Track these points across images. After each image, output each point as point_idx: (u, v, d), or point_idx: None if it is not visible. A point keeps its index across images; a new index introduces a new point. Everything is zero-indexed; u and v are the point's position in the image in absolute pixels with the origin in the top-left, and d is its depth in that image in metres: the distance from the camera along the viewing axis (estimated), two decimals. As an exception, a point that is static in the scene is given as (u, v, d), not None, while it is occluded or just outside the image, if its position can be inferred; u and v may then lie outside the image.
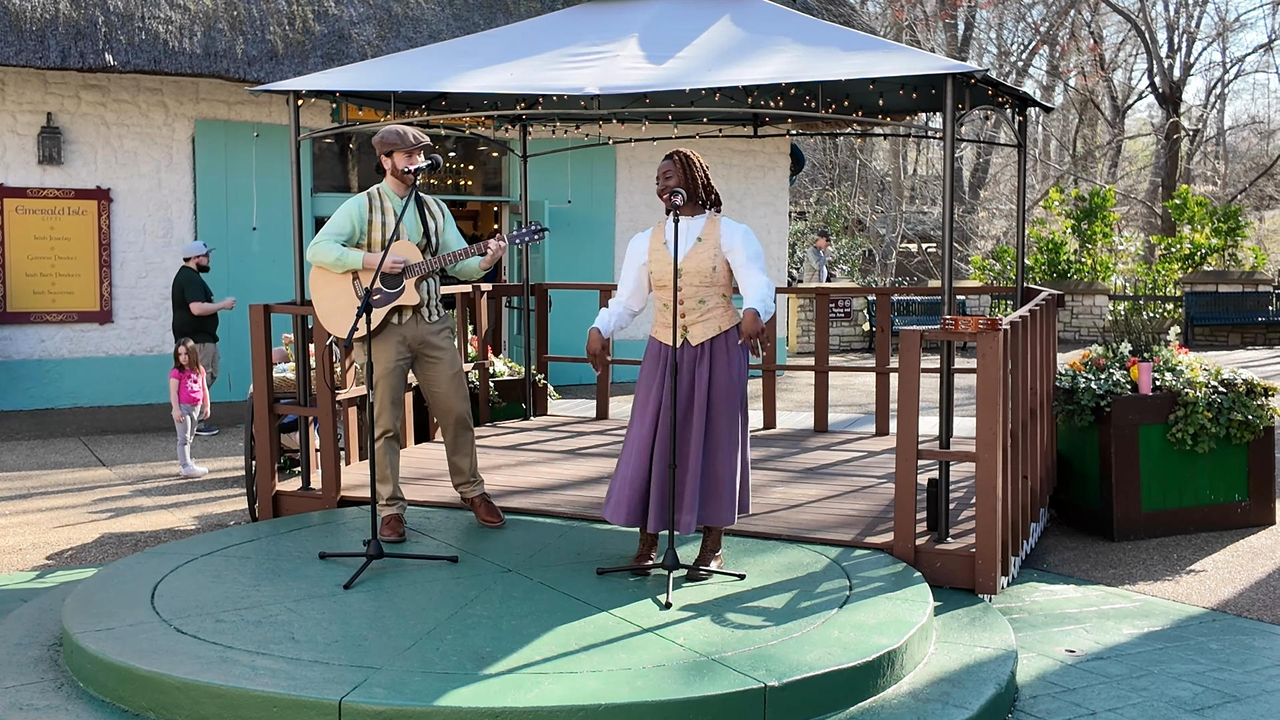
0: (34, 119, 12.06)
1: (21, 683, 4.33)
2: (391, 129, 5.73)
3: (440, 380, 5.88)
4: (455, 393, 5.91)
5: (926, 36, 29.84)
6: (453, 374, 5.88)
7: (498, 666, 4.05)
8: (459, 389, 5.92)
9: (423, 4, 13.30)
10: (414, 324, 5.77)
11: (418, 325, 5.78)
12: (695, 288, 5.09)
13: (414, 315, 5.77)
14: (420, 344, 5.81)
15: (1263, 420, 6.94)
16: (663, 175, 5.10)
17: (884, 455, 7.86)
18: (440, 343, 5.84)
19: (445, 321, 5.94)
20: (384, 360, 5.74)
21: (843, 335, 19.21)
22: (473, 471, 6.07)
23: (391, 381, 5.76)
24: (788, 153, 15.97)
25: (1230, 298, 19.66)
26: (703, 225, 5.12)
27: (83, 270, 12.26)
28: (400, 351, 5.76)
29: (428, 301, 5.80)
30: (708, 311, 5.10)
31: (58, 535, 7.12)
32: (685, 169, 5.09)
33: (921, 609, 4.73)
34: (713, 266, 5.07)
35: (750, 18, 6.80)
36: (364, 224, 5.74)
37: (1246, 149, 37.40)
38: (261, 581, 5.09)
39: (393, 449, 5.84)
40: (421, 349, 5.82)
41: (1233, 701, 4.46)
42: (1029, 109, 7.13)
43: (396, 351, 5.74)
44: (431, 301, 5.84)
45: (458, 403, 5.92)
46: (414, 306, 5.73)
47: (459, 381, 5.91)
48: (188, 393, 8.85)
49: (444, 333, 5.90)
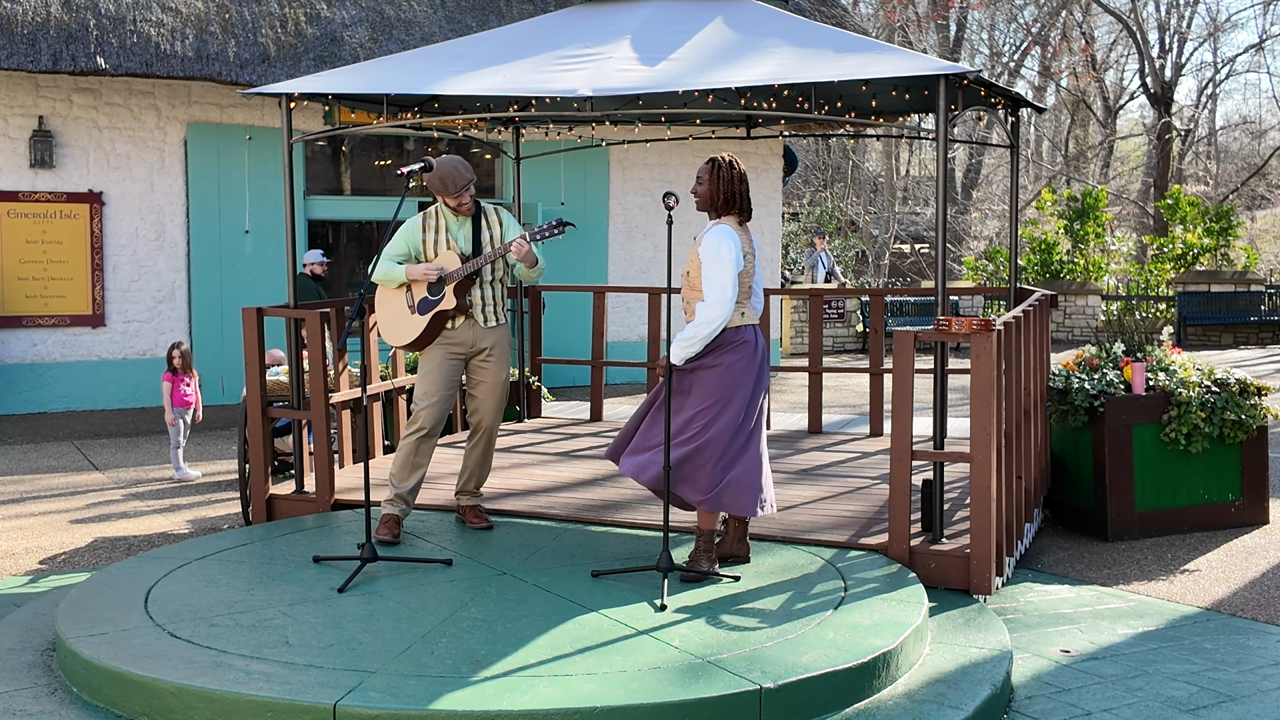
0: (25, 122, 12.03)
1: (15, 688, 4.31)
2: (437, 175, 5.73)
3: (481, 387, 5.96)
4: (487, 403, 5.97)
5: (918, 38, 29.87)
6: (493, 384, 5.95)
7: (493, 670, 4.05)
8: (495, 401, 5.98)
9: (415, 6, 13.29)
10: (467, 329, 5.87)
11: (471, 330, 5.88)
12: (687, 289, 5.21)
13: (467, 320, 5.87)
14: (474, 349, 5.91)
15: (1256, 420, 6.96)
16: (696, 179, 5.25)
17: (878, 456, 7.86)
18: (494, 349, 5.92)
19: (505, 329, 5.99)
20: (428, 361, 5.89)
21: (836, 336, 19.23)
22: (478, 485, 6.13)
23: (432, 379, 5.84)
24: (781, 154, 15.98)
25: (1223, 297, 19.71)
26: (708, 230, 5.18)
27: (75, 274, 12.23)
28: (451, 352, 5.87)
29: (482, 307, 5.89)
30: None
31: (51, 540, 7.10)
32: (712, 177, 5.19)
33: (916, 610, 4.73)
34: (686, 271, 5.20)
35: (743, 19, 6.80)
36: (418, 243, 5.92)
37: (1238, 149, 37.50)
38: (255, 585, 5.08)
39: (421, 448, 5.86)
40: (475, 353, 5.93)
41: (1227, 701, 4.47)
42: (1021, 110, 7.13)
43: (446, 351, 5.86)
44: (487, 307, 5.91)
45: (488, 414, 5.99)
46: (465, 312, 5.83)
47: (497, 394, 5.97)
48: (180, 396, 8.84)
49: (502, 338, 5.96)
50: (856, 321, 19.45)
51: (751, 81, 5.90)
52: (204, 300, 12.69)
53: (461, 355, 5.91)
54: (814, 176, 30.74)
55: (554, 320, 11.96)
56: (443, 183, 5.78)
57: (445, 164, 5.78)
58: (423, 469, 5.89)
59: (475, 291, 5.88)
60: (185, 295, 12.71)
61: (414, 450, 5.85)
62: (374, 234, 14.09)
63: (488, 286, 5.92)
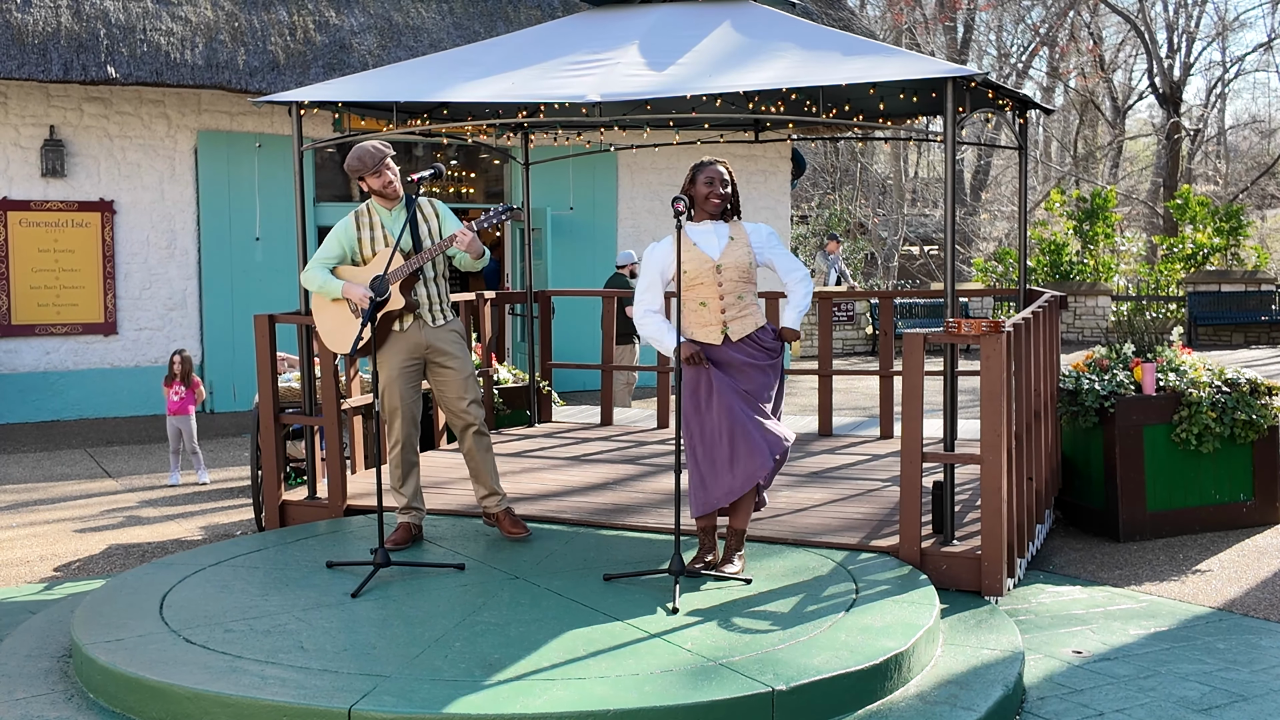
0: (37, 132, 12.10)
1: (32, 694, 4.34)
2: (352, 155, 5.61)
3: (450, 385, 5.75)
4: (465, 398, 5.75)
5: (926, 39, 29.87)
6: (462, 379, 5.74)
7: (506, 673, 4.06)
8: (469, 394, 5.77)
9: (423, 13, 13.33)
10: (418, 330, 5.68)
11: (422, 330, 5.69)
12: (734, 283, 5.20)
13: (416, 321, 5.67)
14: (428, 349, 5.72)
15: (1267, 419, 6.95)
16: (719, 181, 5.27)
17: (888, 458, 7.87)
18: (448, 347, 5.72)
19: (454, 325, 5.80)
20: (386, 369, 5.70)
21: (846, 338, 19.22)
22: (494, 484, 5.91)
23: (396, 389, 5.68)
24: (789, 157, 15.99)
25: (1233, 297, 19.65)
26: (728, 227, 5.30)
27: (86, 282, 12.29)
28: (405, 359, 5.68)
29: (430, 305, 5.69)
30: (745, 308, 5.22)
31: (65, 547, 7.13)
32: (731, 179, 5.33)
33: (928, 612, 4.73)
34: (750, 263, 5.24)
35: (750, 23, 6.82)
36: (353, 242, 5.73)
37: (1248, 148, 37.40)
38: (269, 591, 5.10)
39: (406, 459, 5.79)
40: (430, 354, 5.73)
41: (1240, 701, 4.46)
42: (1029, 111, 7.14)
43: (401, 360, 5.68)
44: (435, 305, 5.71)
45: (468, 409, 5.77)
46: (414, 312, 5.64)
47: (469, 386, 5.77)
48: (172, 403, 8.87)
49: (452, 336, 5.76)
50: (866, 324, 19.44)
51: (759, 85, 5.92)
52: (215, 307, 12.74)
53: (417, 359, 5.71)
54: (822, 179, 30.74)
55: (563, 325, 11.97)
56: (360, 161, 5.57)
57: (358, 146, 5.61)
58: (415, 469, 5.81)
59: (420, 289, 5.66)
60: (196, 303, 12.77)
61: (400, 459, 5.78)
62: (384, 240, 14.12)
63: (432, 284, 5.70)
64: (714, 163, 5.28)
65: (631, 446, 8.52)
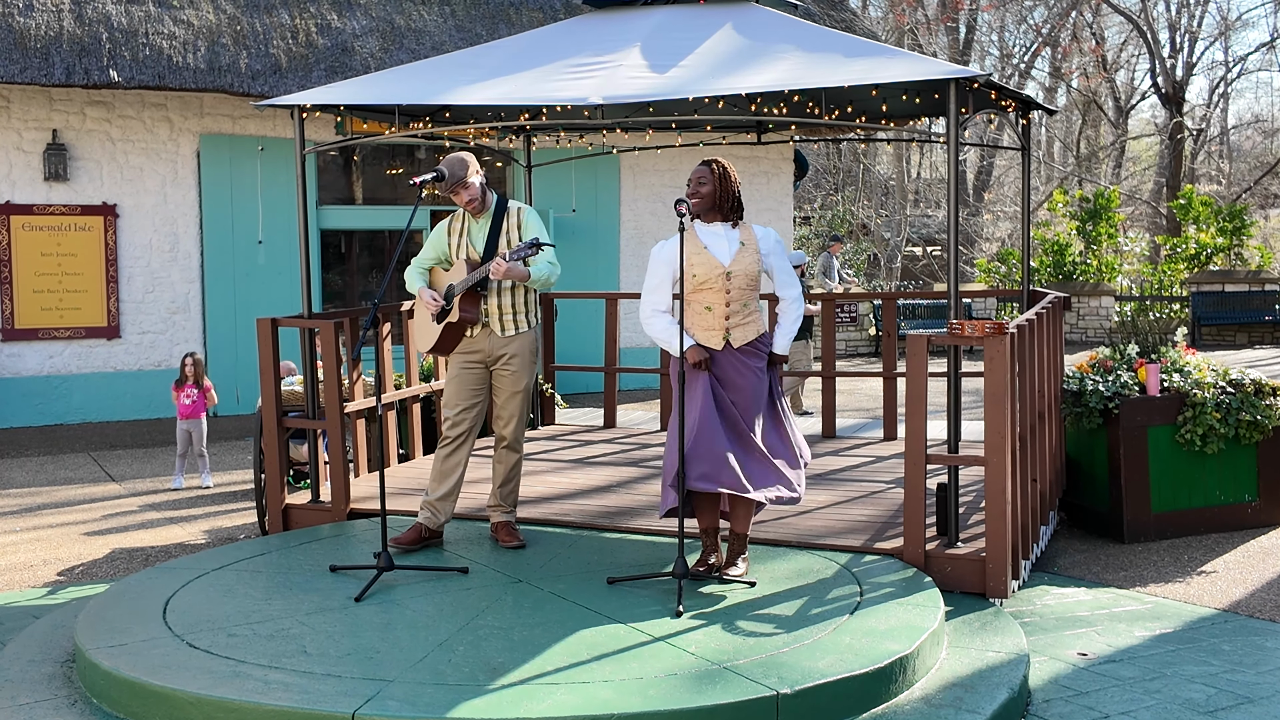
0: (39, 136, 12.10)
1: (36, 699, 4.34)
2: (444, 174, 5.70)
3: (498, 394, 5.90)
4: (504, 412, 5.88)
5: (928, 40, 29.85)
6: (509, 395, 5.86)
7: (510, 677, 4.06)
8: (510, 410, 5.87)
9: (425, 16, 13.33)
10: (484, 338, 5.84)
11: (489, 339, 5.83)
12: (742, 290, 5.18)
13: (484, 329, 5.84)
14: (492, 358, 5.85)
15: (1271, 420, 6.93)
16: (696, 180, 5.20)
17: (892, 460, 7.86)
18: (508, 361, 5.82)
19: (523, 337, 5.86)
20: (449, 370, 5.92)
21: (849, 340, 19.20)
22: (504, 499, 6.01)
23: (450, 388, 5.86)
24: (791, 158, 15.97)
25: (1237, 297, 19.62)
26: (738, 231, 5.25)
27: (89, 286, 12.29)
28: (465, 360, 5.86)
29: (499, 316, 5.81)
30: (749, 315, 5.22)
31: (68, 551, 7.13)
32: (722, 180, 5.22)
33: (933, 614, 4.72)
34: (758, 271, 5.24)
35: (752, 25, 6.81)
36: (444, 247, 5.94)
37: (1251, 147, 37.37)
38: (273, 595, 5.10)
39: (449, 458, 5.84)
40: (493, 363, 5.87)
41: (1246, 703, 4.45)
42: (1032, 112, 7.13)
43: (461, 360, 5.86)
44: (505, 316, 5.82)
45: (506, 424, 5.89)
46: (475, 322, 5.79)
47: (513, 404, 5.87)
48: (184, 407, 8.87)
49: (516, 347, 5.83)
50: (869, 325, 19.42)
51: (761, 87, 5.91)
52: (218, 311, 12.74)
53: (479, 363, 5.85)
54: (825, 180, 30.72)
55: (566, 327, 11.96)
56: (444, 184, 5.74)
57: (445, 161, 5.75)
58: (452, 478, 5.85)
59: (492, 300, 5.79)
60: (199, 306, 12.77)
61: (442, 460, 5.85)
62: (386, 243, 14.14)
63: (505, 294, 5.80)
64: (704, 162, 5.26)
65: (635, 449, 8.52)
